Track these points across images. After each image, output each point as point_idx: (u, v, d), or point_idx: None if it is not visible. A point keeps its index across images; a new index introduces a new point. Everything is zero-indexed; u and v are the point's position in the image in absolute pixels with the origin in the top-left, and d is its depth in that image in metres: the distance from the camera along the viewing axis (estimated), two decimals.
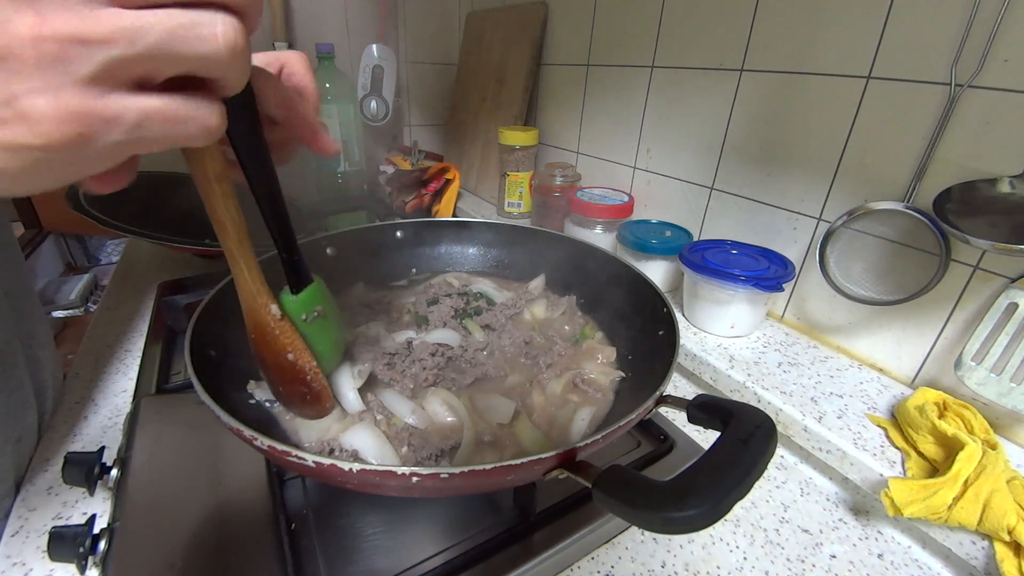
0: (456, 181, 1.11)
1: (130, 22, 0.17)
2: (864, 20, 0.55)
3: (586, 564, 0.42)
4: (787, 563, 0.44)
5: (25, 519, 0.42)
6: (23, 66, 0.16)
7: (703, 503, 0.25)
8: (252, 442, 0.31)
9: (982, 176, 0.49)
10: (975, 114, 0.49)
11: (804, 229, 0.66)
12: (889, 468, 0.47)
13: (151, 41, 0.17)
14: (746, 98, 0.69)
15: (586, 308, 0.61)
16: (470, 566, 0.39)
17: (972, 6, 0.47)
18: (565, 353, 0.53)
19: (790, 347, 0.65)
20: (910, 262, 0.55)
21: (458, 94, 1.28)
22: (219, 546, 0.37)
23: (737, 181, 0.72)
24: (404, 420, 0.43)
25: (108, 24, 0.17)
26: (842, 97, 0.58)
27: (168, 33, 0.17)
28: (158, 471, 0.43)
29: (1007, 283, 0.49)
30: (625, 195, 0.87)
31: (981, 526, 0.41)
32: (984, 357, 0.48)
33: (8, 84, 0.16)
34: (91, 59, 0.17)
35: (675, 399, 0.37)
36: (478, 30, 1.19)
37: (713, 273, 0.63)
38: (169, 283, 0.76)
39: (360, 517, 0.42)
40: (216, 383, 0.37)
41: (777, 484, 0.52)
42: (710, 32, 0.71)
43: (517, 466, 0.29)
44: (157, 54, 0.18)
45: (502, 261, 0.69)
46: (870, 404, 0.55)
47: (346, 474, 0.29)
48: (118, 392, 0.58)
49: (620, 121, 0.89)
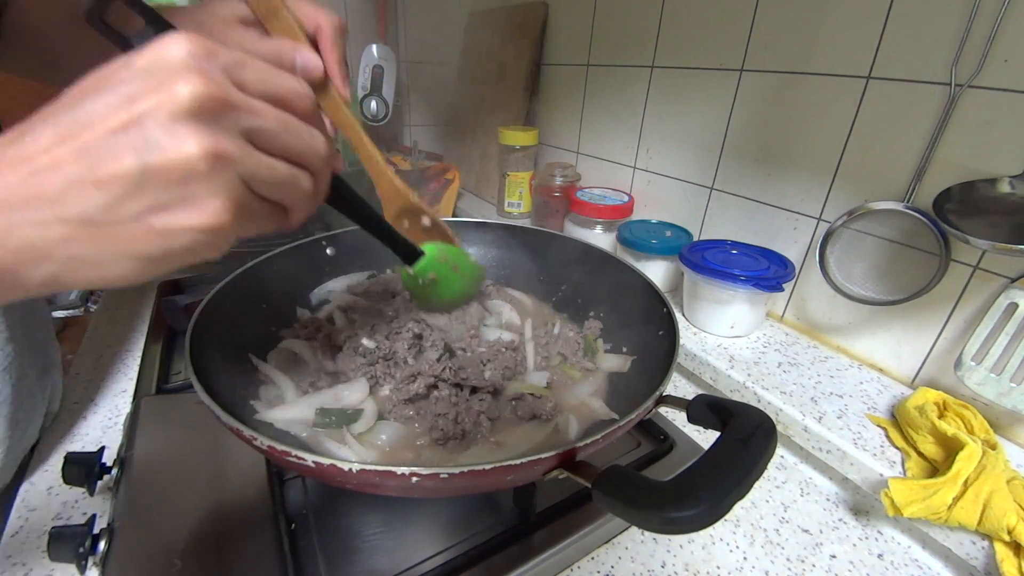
0: (456, 181, 1.11)
1: (269, 160, 0.24)
2: (864, 20, 0.55)
3: (586, 564, 0.42)
4: (787, 563, 0.44)
5: (25, 519, 0.42)
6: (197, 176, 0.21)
7: (703, 503, 0.25)
8: (252, 442, 0.31)
9: (982, 176, 0.49)
10: (975, 114, 0.49)
11: (804, 229, 0.66)
12: (889, 468, 0.47)
13: (277, 177, 0.25)
14: (746, 98, 0.69)
15: (586, 309, 0.61)
16: (470, 566, 0.39)
17: (972, 6, 0.47)
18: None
19: (790, 347, 0.65)
20: (910, 262, 0.55)
21: (458, 94, 1.28)
22: (219, 546, 0.37)
23: (737, 181, 0.72)
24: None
25: (255, 156, 0.23)
26: (842, 97, 0.58)
27: (286, 178, 0.25)
28: (158, 471, 0.43)
29: (1007, 283, 0.49)
30: (625, 195, 0.87)
31: (981, 526, 0.41)
32: (984, 357, 0.48)
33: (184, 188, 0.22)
34: (241, 168, 0.23)
35: (675, 399, 0.37)
36: (478, 30, 1.19)
37: (713, 273, 0.63)
38: (169, 283, 0.76)
39: (360, 517, 0.42)
40: (216, 383, 0.37)
41: (777, 484, 0.52)
42: (710, 32, 0.71)
43: (517, 466, 0.29)
44: (277, 187, 0.25)
45: (502, 261, 0.69)
46: (870, 404, 0.55)
47: (346, 474, 0.29)
48: (118, 392, 0.58)
49: (620, 121, 0.89)
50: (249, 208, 0.24)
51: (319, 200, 0.29)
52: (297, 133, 0.25)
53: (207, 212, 0.22)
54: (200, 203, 0.22)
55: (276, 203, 0.26)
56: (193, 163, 0.21)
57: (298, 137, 0.25)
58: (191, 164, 0.21)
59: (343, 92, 0.44)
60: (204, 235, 0.22)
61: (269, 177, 0.24)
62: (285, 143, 0.25)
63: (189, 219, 0.22)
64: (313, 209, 0.29)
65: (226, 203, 0.22)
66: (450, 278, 0.52)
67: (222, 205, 0.22)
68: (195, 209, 0.22)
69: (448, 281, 0.52)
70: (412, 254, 0.48)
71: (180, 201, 0.21)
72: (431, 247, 0.49)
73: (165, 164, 0.20)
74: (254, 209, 0.24)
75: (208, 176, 0.21)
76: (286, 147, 0.25)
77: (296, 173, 0.25)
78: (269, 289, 0.54)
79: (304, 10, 0.43)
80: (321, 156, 0.26)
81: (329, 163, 0.28)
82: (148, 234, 0.22)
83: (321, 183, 0.28)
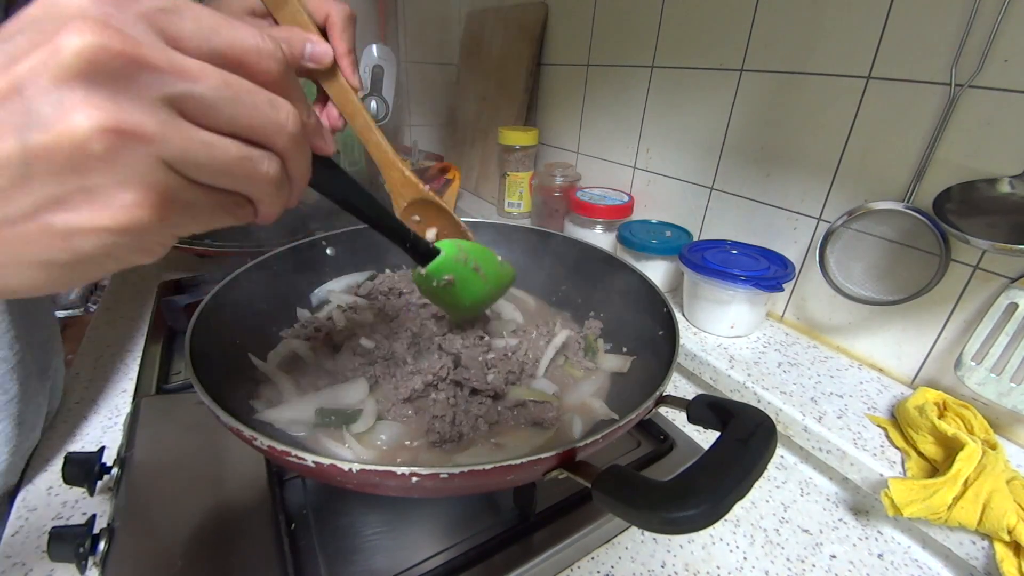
0: (456, 181, 1.11)
1: (207, 138, 0.19)
2: (864, 20, 0.55)
3: (586, 564, 0.42)
4: (787, 563, 0.44)
5: (25, 519, 0.42)
6: (96, 161, 0.16)
7: (703, 503, 0.25)
8: (252, 442, 0.31)
9: (982, 176, 0.49)
10: (975, 114, 0.49)
11: (804, 229, 0.66)
12: (889, 468, 0.47)
13: (220, 159, 0.19)
14: (746, 98, 0.69)
15: (586, 309, 0.61)
16: (470, 566, 0.39)
17: (972, 6, 0.47)
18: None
19: (790, 347, 0.65)
20: (910, 262, 0.55)
21: (458, 94, 1.28)
22: (219, 546, 0.37)
23: (737, 181, 0.72)
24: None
25: (184, 133, 0.18)
26: (842, 97, 0.58)
27: (234, 160, 0.20)
28: (158, 471, 0.43)
29: (1007, 283, 0.49)
30: (625, 195, 0.87)
31: (981, 526, 0.41)
32: (984, 357, 0.48)
33: (84, 178, 0.17)
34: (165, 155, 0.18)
35: (675, 399, 0.37)
36: (478, 30, 1.19)
37: (713, 273, 0.63)
38: (169, 283, 0.76)
39: (360, 517, 0.42)
40: (216, 383, 0.37)
41: (777, 484, 0.52)
42: (710, 32, 0.71)
43: (517, 466, 0.29)
44: (222, 172, 0.20)
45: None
46: (870, 404, 0.55)
47: (346, 474, 0.29)
48: (118, 392, 0.58)
49: (620, 121, 0.89)
50: (182, 200, 0.19)
51: (296, 188, 0.23)
52: (251, 102, 0.19)
53: (115, 207, 0.17)
54: (105, 196, 0.17)
55: (229, 192, 0.21)
56: (84, 141, 0.16)
57: (252, 107, 0.19)
58: (81, 143, 0.16)
59: (352, 80, 0.42)
60: (119, 236, 0.17)
61: (207, 159, 0.18)
62: (232, 115, 0.19)
63: (94, 217, 0.17)
64: (291, 201, 0.23)
65: (142, 195, 0.17)
66: (470, 280, 0.45)
67: (135, 198, 0.17)
68: (99, 204, 0.17)
69: (468, 284, 0.45)
70: (425, 252, 0.42)
71: (79, 193, 0.17)
72: (448, 244, 0.43)
73: (49, 144, 0.16)
74: (190, 200, 0.19)
75: (110, 159, 0.16)
76: (233, 120, 0.19)
77: (250, 153, 0.20)
78: (269, 289, 0.54)
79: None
80: (288, 131, 0.21)
81: (301, 141, 0.22)
82: (47, 235, 0.17)
83: (294, 166, 0.22)
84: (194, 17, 0.18)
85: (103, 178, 0.17)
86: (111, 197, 0.17)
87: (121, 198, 0.17)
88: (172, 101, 0.17)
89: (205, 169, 0.19)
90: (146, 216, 0.17)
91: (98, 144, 0.16)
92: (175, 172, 0.18)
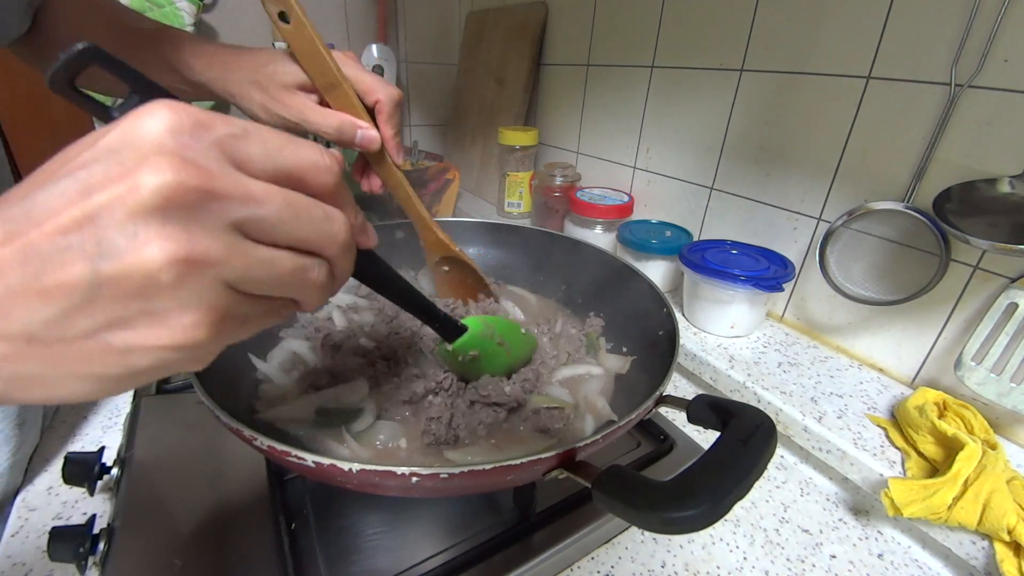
0: (456, 181, 1.11)
1: (267, 255, 0.19)
2: (864, 20, 0.55)
3: (586, 564, 0.42)
4: (787, 563, 0.44)
5: (25, 519, 0.42)
6: (164, 288, 0.17)
7: (703, 503, 0.25)
8: (252, 442, 0.31)
9: (982, 176, 0.49)
10: (975, 114, 0.49)
11: (804, 229, 0.66)
12: (889, 468, 0.47)
13: (277, 273, 0.20)
14: (746, 98, 0.69)
15: (586, 309, 0.61)
16: (470, 566, 0.39)
17: (972, 6, 0.47)
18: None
19: (790, 347, 0.65)
20: (910, 262, 0.55)
21: (458, 94, 1.28)
22: (219, 546, 0.37)
23: (737, 181, 0.72)
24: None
25: (247, 253, 0.19)
26: (842, 97, 0.58)
27: (290, 272, 0.20)
28: (158, 471, 0.43)
29: (1007, 283, 0.49)
30: (625, 195, 0.87)
31: (981, 526, 0.41)
32: (984, 357, 0.48)
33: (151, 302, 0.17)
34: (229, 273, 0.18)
35: (675, 399, 0.37)
36: (478, 30, 1.19)
37: (713, 273, 0.63)
38: None
39: (360, 517, 0.42)
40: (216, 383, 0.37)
41: (777, 484, 0.52)
42: (710, 32, 0.71)
43: (517, 466, 0.29)
44: (277, 284, 0.20)
45: (502, 262, 0.69)
46: (870, 404, 0.55)
47: (346, 474, 0.29)
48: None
49: (620, 121, 0.89)
50: (237, 315, 0.20)
51: (337, 287, 0.24)
52: (308, 220, 0.20)
53: (176, 329, 0.18)
54: (167, 318, 0.18)
55: (278, 299, 0.22)
56: (154, 273, 0.16)
57: (310, 224, 0.20)
58: (152, 274, 0.16)
59: (397, 160, 0.47)
60: (174, 353, 0.18)
61: (266, 276, 0.19)
62: (291, 232, 0.20)
63: (153, 337, 0.18)
64: (333, 295, 0.25)
65: (201, 316, 0.18)
66: (495, 354, 0.46)
67: (195, 319, 0.18)
68: (160, 326, 0.18)
69: (492, 357, 0.46)
70: (453, 330, 0.43)
71: (142, 316, 0.17)
72: (475, 321, 0.44)
73: (120, 274, 0.16)
74: (244, 314, 0.20)
75: (176, 287, 0.17)
76: (290, 235, 0.20)
77: (303, 263, 0.21)
78: None
79: (364, 82, 0.45)
80: (339, 241, 0.22)
81: (350, 246, 0.23)
82: (104, 353, 0.18)
83: (339, 270, 0.23)
84: (261, 140, 0.19)
85: (167, 302, 0.17)
86: (173, 319, 0.18)
87: (182, 319, 0.18)
88: (240, 225, 0.18)
89: (262, 284, 0.20)
90: (203, 335, 0.18)
91: (167, 274, 0.17)
92: (233, 290, 0.19)
